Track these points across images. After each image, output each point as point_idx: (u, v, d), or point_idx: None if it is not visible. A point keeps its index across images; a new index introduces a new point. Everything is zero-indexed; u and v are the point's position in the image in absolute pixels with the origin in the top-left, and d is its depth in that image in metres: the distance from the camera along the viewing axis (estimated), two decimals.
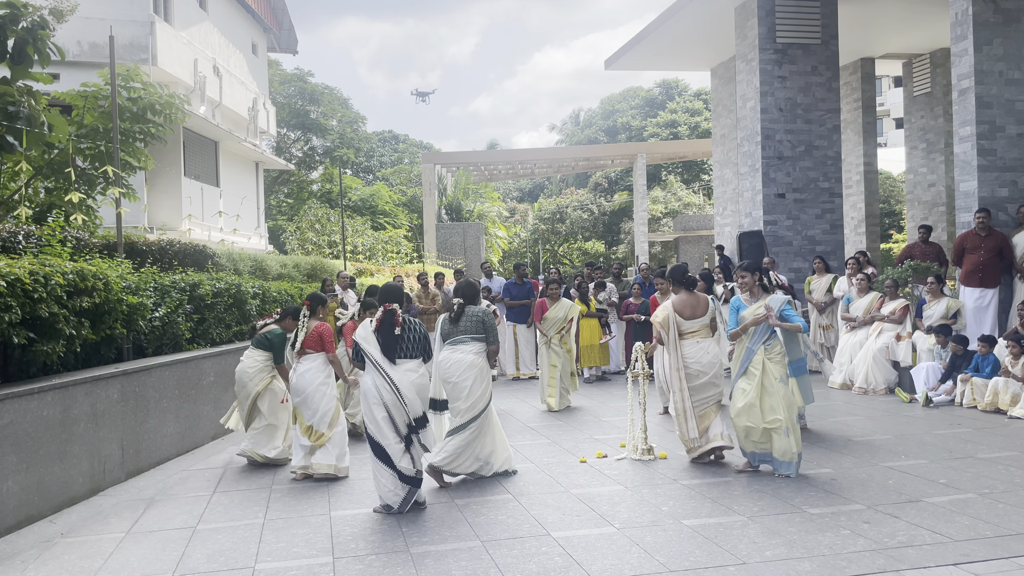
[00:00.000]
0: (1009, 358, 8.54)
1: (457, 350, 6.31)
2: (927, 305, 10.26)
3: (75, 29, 15.48)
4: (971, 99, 10.74)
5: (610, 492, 5.88)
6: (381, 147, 54.40)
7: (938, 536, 4.69)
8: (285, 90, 43.22)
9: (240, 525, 5.38)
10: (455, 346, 6.34)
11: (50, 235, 8.02)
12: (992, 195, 10.73)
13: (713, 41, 17.57)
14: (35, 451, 5.56)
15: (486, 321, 6.42)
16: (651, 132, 49.88)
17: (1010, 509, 5.14)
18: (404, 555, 4.68)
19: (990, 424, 7.89)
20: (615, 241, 44.47)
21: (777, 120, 14.29)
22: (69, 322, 6.27)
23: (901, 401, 9.40)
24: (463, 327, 6.38)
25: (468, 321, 6.40)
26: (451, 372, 6.25)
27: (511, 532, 5.03)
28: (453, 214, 36.88)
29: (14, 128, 6.79)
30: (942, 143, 17.95)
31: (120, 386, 6.66)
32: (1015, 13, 10.75)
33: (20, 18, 6.48)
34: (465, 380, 6.22)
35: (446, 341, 6.41)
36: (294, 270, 14.95)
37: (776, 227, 14.29)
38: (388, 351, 5.58)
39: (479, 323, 6.39)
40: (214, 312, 9.17)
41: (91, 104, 11.13)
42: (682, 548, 4.65)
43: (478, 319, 6.40)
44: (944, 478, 5.93)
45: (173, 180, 18.39)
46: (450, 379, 6.25)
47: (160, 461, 7.28)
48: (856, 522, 4.98)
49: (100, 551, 4.96)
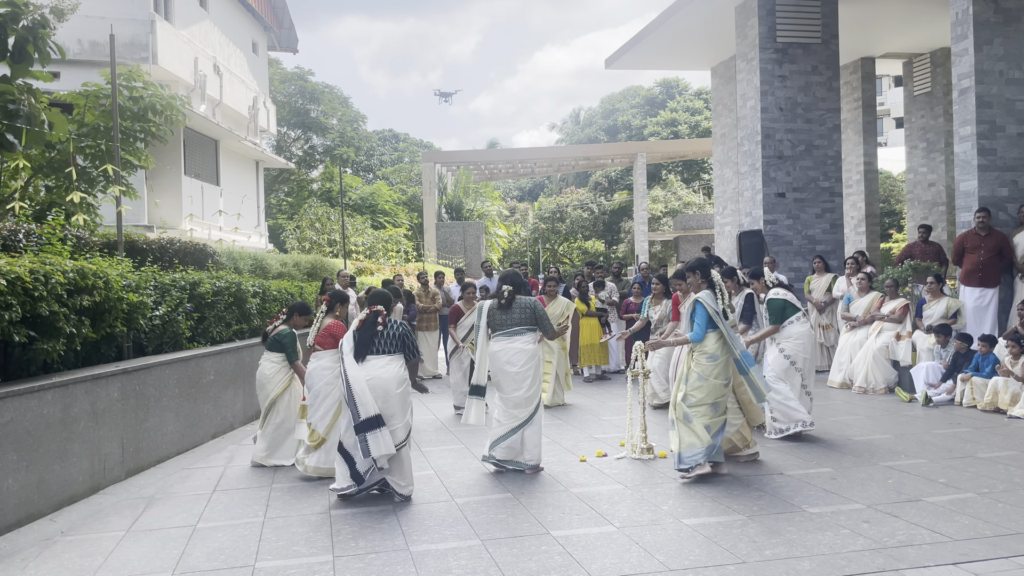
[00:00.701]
0: (1009, 358, 8.54)
1: (514, 340, 6.42)
2: (927, 305, 10.26)
3: (76, 27, 15.48)
4: (971, 99, 10.74)
5: (610, 491, 5.88)
6: (381, 146, 54.43)
7: (938, 535, 4.69)
8: (285, 89, 43.22)
9: (240, 523, 5.39)
10: (511, 336, 6.44)
11: (50, 233, 8.03)
12: (992, 195, 10.73)
13: (713, 40, 17.56)
14: (35, 449, 5.56)
15: (537, 310, 6.52)
16: (651, 131, 49.88)
17: (1009, 508, 5.14)
18: (404, 553, 4.68)
19: (990, 423, 7.90)
20: (615, 240, 44.47)
21: (777, 119, 14.29)
22: (69, 320, 6.27)
23: (901, 400, 9.40)
24: (516, 317, 6.47)
25: (521, 312, 6.49)
26: (512, 361, 6.35)
27: (511, 531, 5.03)
28: (453, 213, 36.89)
29: (14, 127, 6.78)
30: (942, 143, 17.95)
31: (120, 385, 6.67)
32: (1015, 13, 10.75)
33: (21, 16, 6.46)
34: (527, 370, 6.36)
35: (498, 331, 6.48)
36: (294, 269, 14.97)
37: (776, 226, 14.29)
38: (360, 349, 5.76)
39: (531, 313, 6.49)
40: (214, 311, 9.18)
41: (92, 103, 11.14)
42: (682, 547, 4.65)
43: (530, 309, 6.50)
44: (944, 477, 5.93)
45: (173, 179, 18.40)
46: (510, 369, 6.35)
47: (160, 460, 7.29)
48: (856, 521, 4.99)
49: (100, 549, 4.96)
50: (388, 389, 5.68)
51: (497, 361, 6.41)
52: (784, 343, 7.43)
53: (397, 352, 5.82)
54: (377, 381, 5.68)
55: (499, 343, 6.45)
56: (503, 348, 6.41)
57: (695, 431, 6.06)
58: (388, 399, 5.67)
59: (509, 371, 6.35)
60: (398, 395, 5.72)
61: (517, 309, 6.49)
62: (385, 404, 5.67)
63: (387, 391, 5.68)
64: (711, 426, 6.08)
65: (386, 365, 5.74)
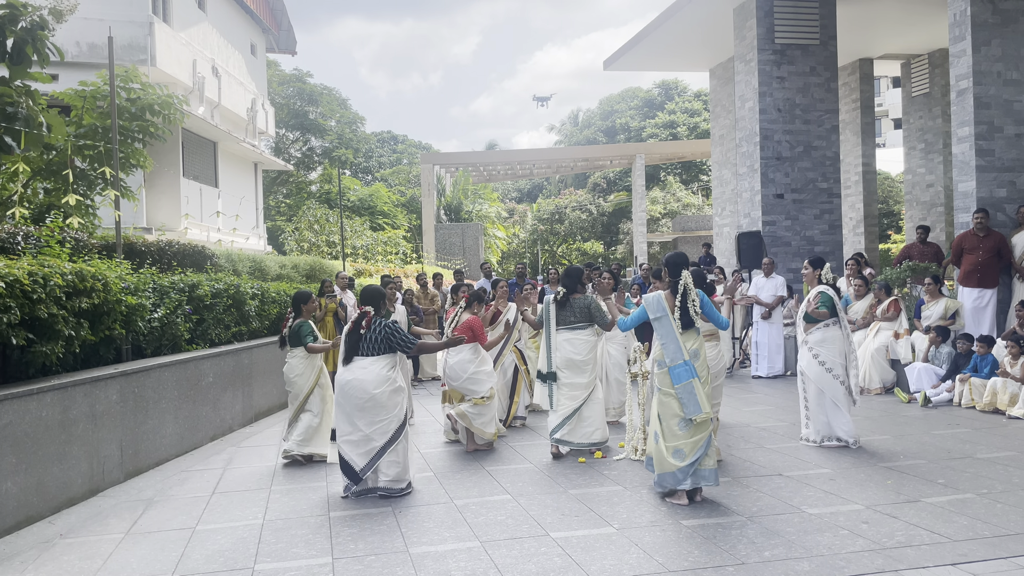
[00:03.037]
0: (1008, 358, 8.55)
1: (577, 334, 7.10)
2: (925, 305, 10.27)
3: (74, 29, 15.48)
4: (969, 100, 10.76)
5: (609, 492, 5.88)
6: (380, 147, 54.46)
7: (936, 536, 4.69)
8: (284, 91, 43.22)
9: (239, 526, 5.38)
10: (573, 331, 7.11)
11: (49, 236, 8.02)
12: (990, 195, 10.74)
13: (712, 42, 17.59)
14: (34, 452, 5.55)
15: (591, 306, 7.14)
16: (650, 132, 49.90)
17: (1008, 509, 5.14)
18: (403, 555, 4.68)
19: (988, 424, 7.90)
20: (614, 241, 44.48)
21: (776, 120, 14.30)
22: (68, 323, 6.26)
23: (900, 401, 9.41)
24: (578, 313, 7.13)
25: (579, 309, 7.13)
26: (578, 351, 7.06)
27: (510, 532, 5.03)
28: (452, 215, 36.89)
29: (12, 129, 6.77)
30: (940, 143, 17.97)
31: (119, 387, 6.66)
32: (1013, 14, 10.76)
33: (19, 18, 6.45)
34: (590, 358, 7.10)
35: (561, 325, 7.15)
36: (292, 271, 14.96)
37: (775, 227, 14.30)
38: (348, 352, 5.97)
39: (587, 309, 7.12)
40: (213, 313, 9.17)
41: (90, 104, 11.13)
42: (681, 548, 4.65)
43: (586, 305, 7.14)
44: (942, 478, 5.94)
45: (172, 181, 18.39)
46: (576, 357, 7.03)
47: (159, 462, 7.28)
48: (855, 522, 4.99)
49: (99, 552, 4.96)
50: (365, 389, 5.82)
51: (564, 352, 7.07)
52: (817, 348, 7.15)
53: (383, 353, 5.94)
54: (355, 383, 5.85)
55: (563, 335, 7.12)
56: (568, 339, 7.09)
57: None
58: (365, 400, 5.82)
59: (576, 359, 7.02)
60: (376, 395, 5.82)
61: (576, 306, 7.14)
62: (363, 405, 5.82)
63: (364, 391, 5.82)
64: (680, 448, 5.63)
65: (368, 366, 5.90)
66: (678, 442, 5.56)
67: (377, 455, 5.84)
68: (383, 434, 5.85)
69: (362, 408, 5.84)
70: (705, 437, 5.56)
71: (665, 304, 5.77)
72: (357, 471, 5.84)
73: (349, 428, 5.88)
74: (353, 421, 5.86)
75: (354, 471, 5.85)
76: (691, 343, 5.70)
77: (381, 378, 5.87)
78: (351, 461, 5.85)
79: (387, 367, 5.93)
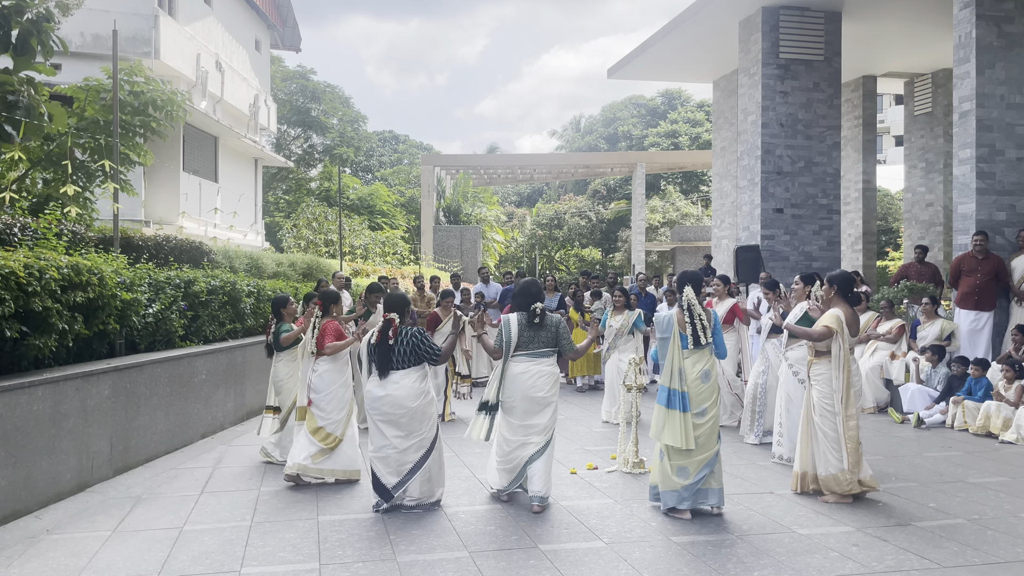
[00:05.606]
0: (1002, 382, 8.55)
1: (539, 362, 5.79)
2: (921, 326, 10.28)
3: (78, 21, 15.43)
4: (972, 122, 10.78)
5: (599, 505, 5.86)
6: (381, 147, 54.43)
7: (926, 562, 4.68)
8: (287, 87, 43.17)
9: (227, 527, 5.35)
10: (536, 358, 5.79)
11: (46, 228, 7.99)
12: (990, 218, 10.76)
13: (716, 54, 17.61)
14: (23, 445, 5.52)
15: (560, 330, 5.91)
16: (652, 141, 49.94)
17: (999, 536, 5.14)
18: (391, 563, 4.66)
19: (981, 448, 7.90)
20: (612, 249, 44.47)
21: (778, 135, 14.32)
22: (62, 316, 6.24)
23: (893, 421, 9.40)
24: (545, 338, 5.84)
25: (549, 332, 5.87)
26: (539, 386, 5.73)
27: (499, 543, 5.01)
28: (451, 217, 36.85)
29: (12, 118, 6.74)
30: (941, 163, 18.00)
31: (111, 382, 6.63)
32: (1018, 38, 10.79)
33: (25, 9, 6.43)
34: (552, 396, 5.79)
35: (524, 351, 5.80)
36: (290, 269, 14.93)
37: (773, 242, 14.31)
38: (383, 365, 5.70)
39: (555, 334, 5.88)
40: (208, 309, 9.14)
41: (92, 97, 11.10)
42: (670, 565, 4.64)
43: (555, 329, 5.89)
44: (934, 502, 5.93)
45: (171, 175, 18.36)
46: (536, 394, 5.72)
47: (149, 458, 7.25)
48: (845, 544, 4.97)
49: (85, 549, 4.93)
50: (402, 404, 5.64)
51: (522, 385, 5.72)
52: (797, 365, 6.98)
53: (412, 365, 5.72)
54: (389, 399, 5.64)
55: (523, 364, 5.77)
56: (527, 370, 5.74)
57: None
58: (401, 415, 5.64)
59: (535, 396, 5.72)
60: (413, 409, 5.66)
61: (548, 328, 5.86)
62: (397, 420, 5.64)
63: (401, 406, 5.64)
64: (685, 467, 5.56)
65: (400, 380, 5.66)
66: (683, 460, 5.55)
67: (409, 473, 5.66)
68: (418, 449, 5.69)
69: (396, 423, 5.65)
70: (710, 456, 5.56)
71: (675, 323, 5.69)
72: (389, 489, 5.67)
73: (383, 442, 5.67)
74: (386, 435, 5.66)
75: (386, 489, 5.67)
76: (702, 363, 5.64)
77: (416, 391, 5.66)
78: (383, 479, 5.68)
79: (419, 379, 5.72)
